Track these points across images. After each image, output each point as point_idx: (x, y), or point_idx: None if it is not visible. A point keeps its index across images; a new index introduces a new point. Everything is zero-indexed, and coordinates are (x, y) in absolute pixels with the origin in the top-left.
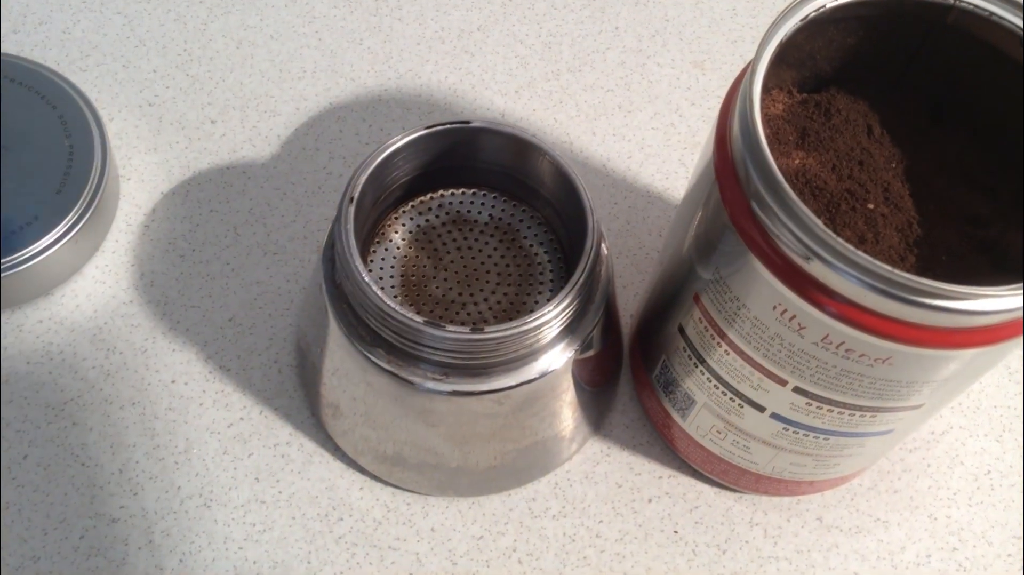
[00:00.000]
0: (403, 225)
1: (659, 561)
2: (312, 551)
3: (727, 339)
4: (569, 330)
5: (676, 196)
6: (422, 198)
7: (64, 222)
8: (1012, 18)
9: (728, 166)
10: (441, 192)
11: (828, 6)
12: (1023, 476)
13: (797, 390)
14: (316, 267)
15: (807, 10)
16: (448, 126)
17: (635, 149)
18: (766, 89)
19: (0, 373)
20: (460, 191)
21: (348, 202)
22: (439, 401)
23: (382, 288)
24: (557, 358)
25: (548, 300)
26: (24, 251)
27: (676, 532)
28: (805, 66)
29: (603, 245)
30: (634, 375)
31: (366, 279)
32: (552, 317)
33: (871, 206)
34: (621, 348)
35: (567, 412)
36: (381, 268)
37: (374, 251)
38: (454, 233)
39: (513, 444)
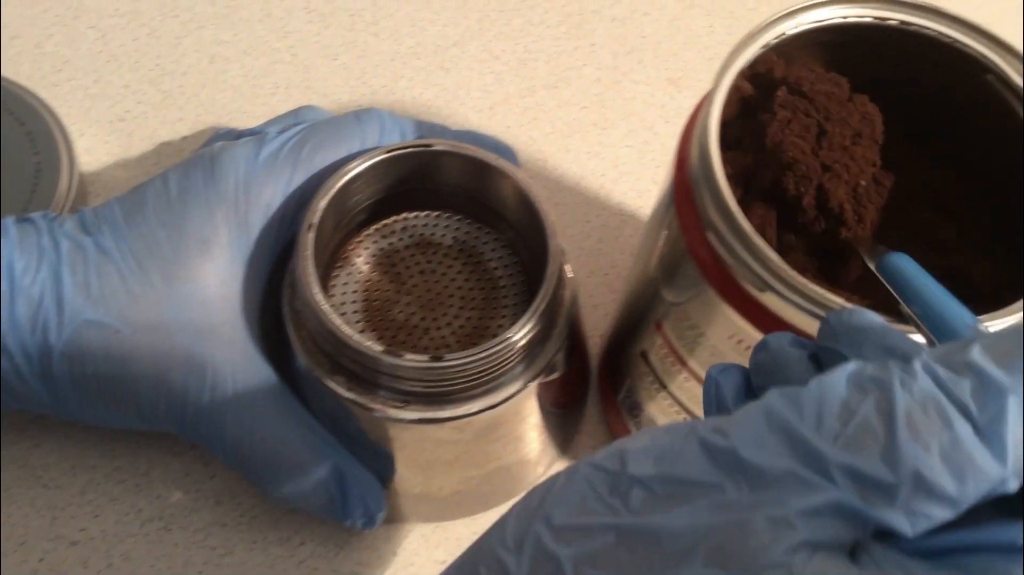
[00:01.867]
0: (366, 249)
1: None
2: None
3: (688, 367)
4: (532, 355)
5: (649, 215)
6: (386, 221)
7: None
8: (975, 44)
9: (686, 192)
10: (405, 215)
11: (788, 34)
12: None
13: None
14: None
15: (767, 37)
16: (409, 149)
17: (609, 167)
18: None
19: None
20: (424, 214)
21: (307, 229)
22: (399, 429)
23: (343, 314)
24: (520, 383)
25: (511, 324)
26: None
27: None
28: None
29: (566, 267)
30: (602, 396)
31: (324, 307)
32: (513, 343)
33: None
34: (588, 369)
35: (532, 435)
36: (343, 293)
37: (336, 275)
38: (417, 256)
39: (476, 470)
